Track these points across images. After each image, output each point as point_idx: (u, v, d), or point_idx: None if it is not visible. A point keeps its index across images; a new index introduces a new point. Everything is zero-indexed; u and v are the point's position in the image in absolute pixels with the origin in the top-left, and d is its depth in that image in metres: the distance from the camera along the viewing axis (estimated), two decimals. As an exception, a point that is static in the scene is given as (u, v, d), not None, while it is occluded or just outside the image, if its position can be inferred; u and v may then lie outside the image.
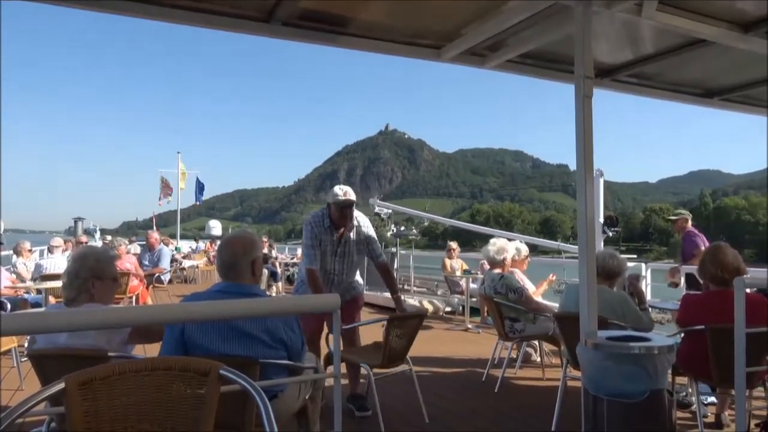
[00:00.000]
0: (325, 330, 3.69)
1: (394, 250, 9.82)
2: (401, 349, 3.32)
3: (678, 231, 6.16)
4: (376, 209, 12.15)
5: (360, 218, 3.77)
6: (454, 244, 8.52)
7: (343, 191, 3.66)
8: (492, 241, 4.74)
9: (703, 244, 5.91)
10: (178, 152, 22.34)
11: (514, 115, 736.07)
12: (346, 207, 3.59)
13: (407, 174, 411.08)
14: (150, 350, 2.99)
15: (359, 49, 3.32)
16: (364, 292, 3.71)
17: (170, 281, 10.94)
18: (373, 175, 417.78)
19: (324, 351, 3.54)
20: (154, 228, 14.90)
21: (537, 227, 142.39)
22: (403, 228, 10.76)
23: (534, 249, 6.40)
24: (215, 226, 17.64)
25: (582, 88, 2.65)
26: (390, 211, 12.04)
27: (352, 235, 3.70)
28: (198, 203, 23.06)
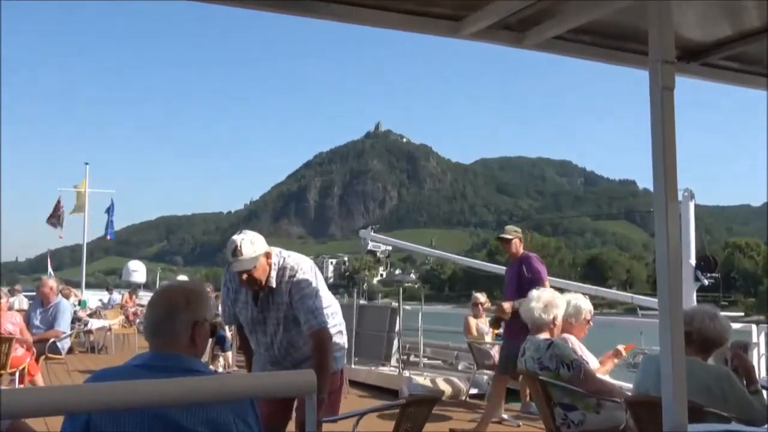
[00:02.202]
0: (293, 420, 3.66)
1: (395, 304, 9.90)
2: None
3: (511, 256, 6.62)
4: (370, 245, 12.05)
5: (292, 267, 3.63)
6: (482, 297, 8.64)
7: (235, 246, 3.51)
8: (535, 292, 4.60)
9: (546, 275, 6.24)
10: (86, 163, 22.57)
11: (558, 110, 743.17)
12: (243, 273, 3.51)
13: (406, 193, 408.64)
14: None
15: (346, 21, 3.20)
16: (351, 365, 3.65)
17: (71, 350, 10.85)
18: (356, 195, 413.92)
19: None
20: (50, 272, 14.82)
21: (579, 269, 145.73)
22: (398, 272, 11.07)
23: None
24: (137, 270, 17.86)
25: (659, 77, 2.58)
26: (389, 248, 12.37)
27: (282, 294, 3.60)
28: (108, 237, 22.96)
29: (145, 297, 16.94)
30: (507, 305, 6.51)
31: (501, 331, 6.92)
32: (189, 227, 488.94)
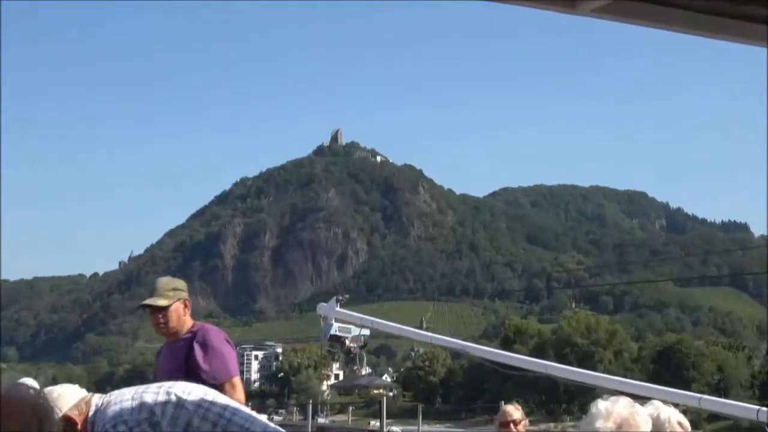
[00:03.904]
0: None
1: (374, 425, 9.16)
2: None
3: (168, 334, 5.81)
4: (335, 328, 12.78)
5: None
6: (516, 412, 7.61)
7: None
8: (602, 405, 3.89)
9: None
10: None
11: (624, 115, 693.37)
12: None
13: (380, 244, 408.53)
14: None
15: None
16: None
17: None
18: (300, 247, 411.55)
19: None
20: None
21: (648, 364, 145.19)
22: (364, 371, 16.79)
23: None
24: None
25: None
26: (366, 332, 13.32)
27: None
28: None
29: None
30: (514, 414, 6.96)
31: None
32: (28, 300, 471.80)
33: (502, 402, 9.33)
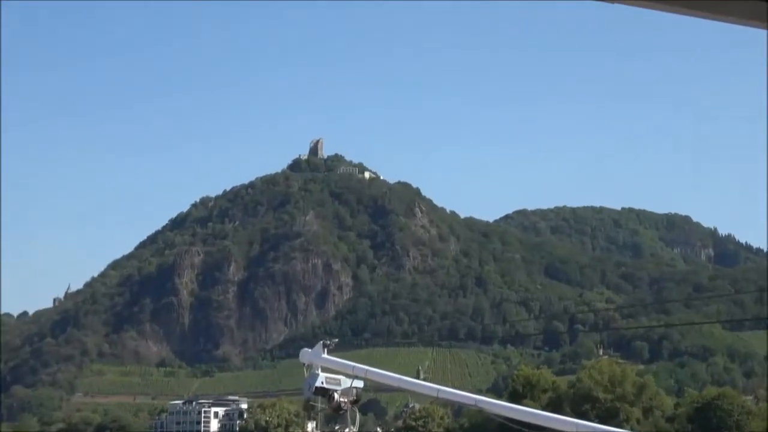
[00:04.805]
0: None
1: None
2: None
3: None
4: (321, 379, 16.63)
5: None
6: None
7: None
8: None
9: None
10: None
11: (661, 127, 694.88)
12: None
13: (368, 279, 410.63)
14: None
15: None
16: None
17: None
18: (272, 281, 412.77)
19: None
20: None
21: (683, 426, 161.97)
22: (348, 429, 16.24)
23: None
24: None
25: None
26: (360, 384, 17.04)
27: None
28: None
29: None
30: None
31: None
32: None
33: None
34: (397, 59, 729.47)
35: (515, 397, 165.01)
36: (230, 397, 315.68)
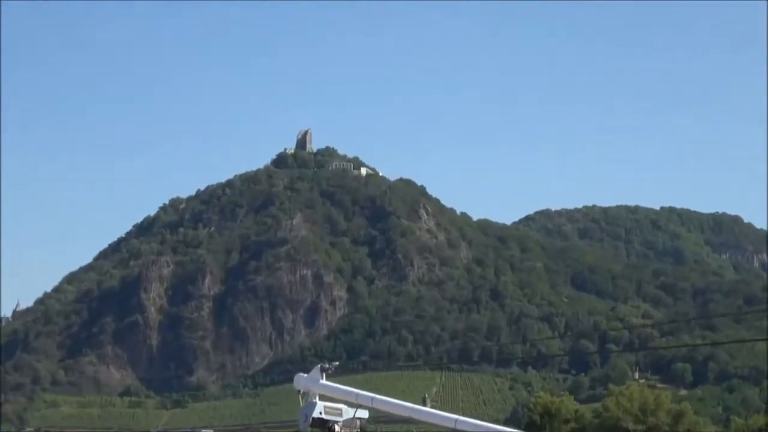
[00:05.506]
0: None
1: None
2: None
3: None
4: (320, 409, 17.56)
5: None
6: None
7: None
8: None
9: None
10: None
11: (706, 118, 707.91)
12: None
13: (367, 291, 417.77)
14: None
15: None
16: None
17: None
18: (257, 294, 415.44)
19: None
20: None
21: None
22: None
23: None
24: None
25: None
26: (365, 414, 18.13)
27: None
28: None
29: None
30: None
31: None
32: None
33: None
34: (398, 38, 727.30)
35: (532, 429, 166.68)
36: (205, 431, 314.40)
